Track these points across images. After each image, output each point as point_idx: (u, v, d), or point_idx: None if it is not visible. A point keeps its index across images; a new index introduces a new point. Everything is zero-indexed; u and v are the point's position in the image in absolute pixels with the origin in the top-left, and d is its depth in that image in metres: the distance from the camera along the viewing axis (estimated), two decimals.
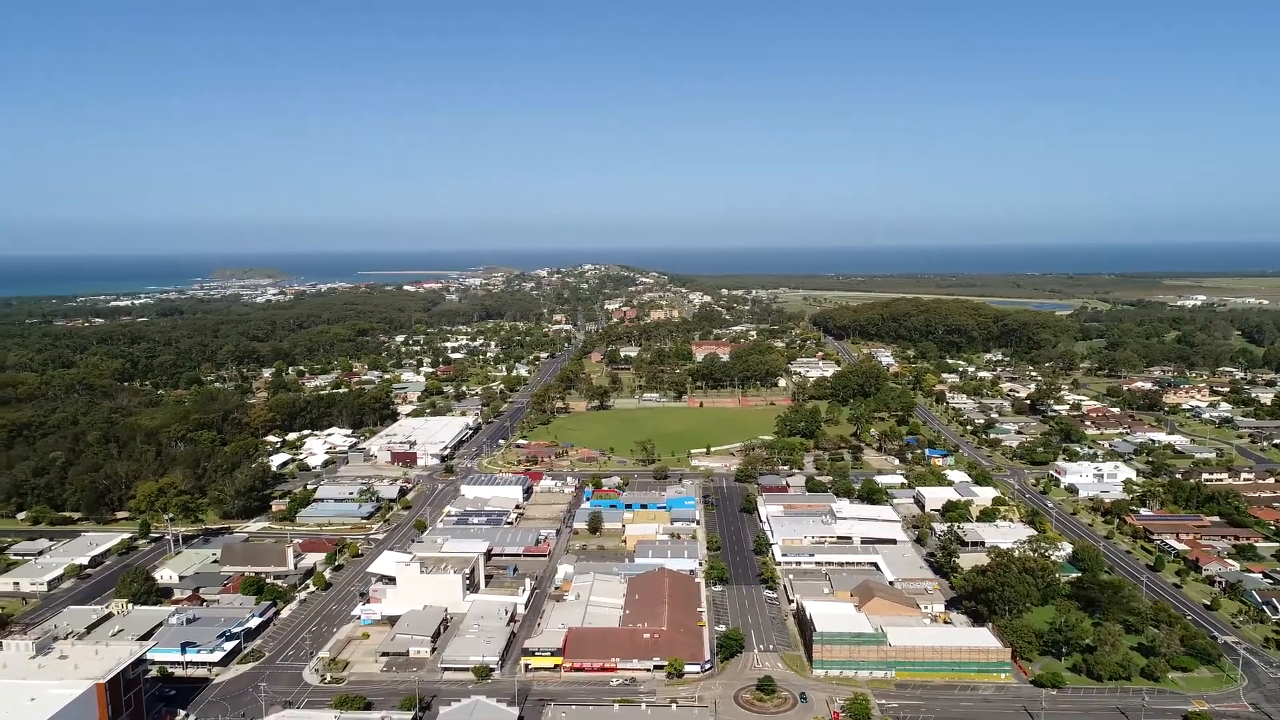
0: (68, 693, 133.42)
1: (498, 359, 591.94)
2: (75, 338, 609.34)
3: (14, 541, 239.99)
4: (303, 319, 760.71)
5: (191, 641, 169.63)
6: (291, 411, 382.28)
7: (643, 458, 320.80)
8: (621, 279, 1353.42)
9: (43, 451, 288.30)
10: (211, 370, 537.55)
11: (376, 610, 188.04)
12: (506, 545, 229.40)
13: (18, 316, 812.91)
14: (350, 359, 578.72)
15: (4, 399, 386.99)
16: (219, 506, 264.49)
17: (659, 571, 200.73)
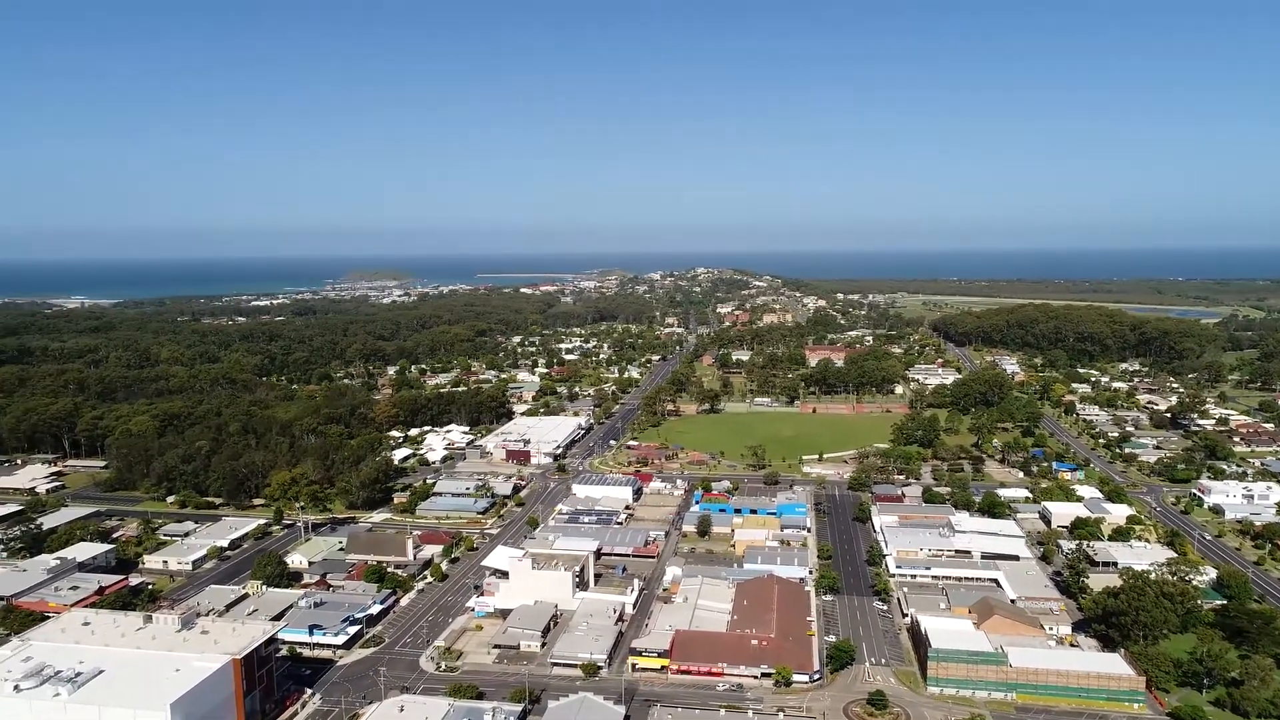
0: (208, 665, 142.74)
1: (610, 361, 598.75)
2: (220, 335, 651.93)
3: (164, 523, 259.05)
4: (425, 319, 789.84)
5: (318, 624, 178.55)
6: (413, 408, 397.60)
7: (753, 463, 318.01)
8: (734, 282, 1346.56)
9: (190, 440, 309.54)
10: (341, 367, 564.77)
11: (490, 603, 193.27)
12: (616, 545, 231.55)
13: (171, 315, 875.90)
14: (469, 358, 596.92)
15: (158, 391, 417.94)
16: (345, 497, 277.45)
17: (768, 578, 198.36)
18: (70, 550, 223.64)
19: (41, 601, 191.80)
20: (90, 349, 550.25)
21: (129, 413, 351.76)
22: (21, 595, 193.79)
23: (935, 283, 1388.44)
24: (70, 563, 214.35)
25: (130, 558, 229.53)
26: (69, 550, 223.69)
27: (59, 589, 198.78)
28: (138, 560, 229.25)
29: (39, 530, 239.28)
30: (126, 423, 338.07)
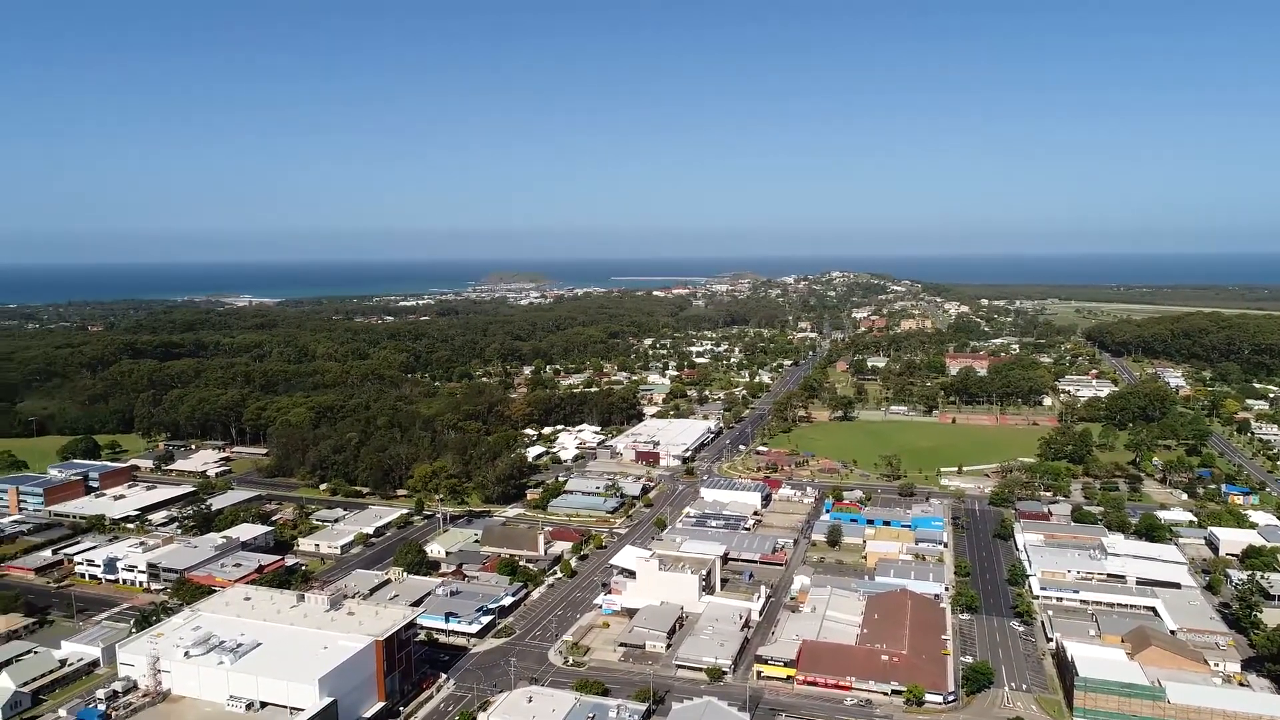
0: (353, 645, 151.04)
1: (741, 364, 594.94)
2: (370, 333, 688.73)
3: (317, 509, 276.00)
4: (560, 321, 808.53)
5: (454, 612, 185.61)
6: (547, 407, 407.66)
7: (887, 473, 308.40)
8: (870, 287, 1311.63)
9: (341, 432, 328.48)
10: (480, 366, 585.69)
11: (617, 601, 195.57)
12: (743, 551, 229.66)
13: (327, 314, 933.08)
14: (601, 360, 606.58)
15: (314, 385, 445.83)
16: (481, 491, 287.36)
17: (901, 592, 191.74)
18: (235, 530, 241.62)
19: (209, 576, 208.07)
20: (256, 344, 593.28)
21: (288, 405, 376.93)
22: (193, 569, 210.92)
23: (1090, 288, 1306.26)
24: (234, 542, 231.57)
25: (286, 540, 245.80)
26: (234, 530, 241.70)
27: (224, 565, 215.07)
28: (293, 542, 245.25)
29: (209, 510, 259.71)
30: (286, 414, 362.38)
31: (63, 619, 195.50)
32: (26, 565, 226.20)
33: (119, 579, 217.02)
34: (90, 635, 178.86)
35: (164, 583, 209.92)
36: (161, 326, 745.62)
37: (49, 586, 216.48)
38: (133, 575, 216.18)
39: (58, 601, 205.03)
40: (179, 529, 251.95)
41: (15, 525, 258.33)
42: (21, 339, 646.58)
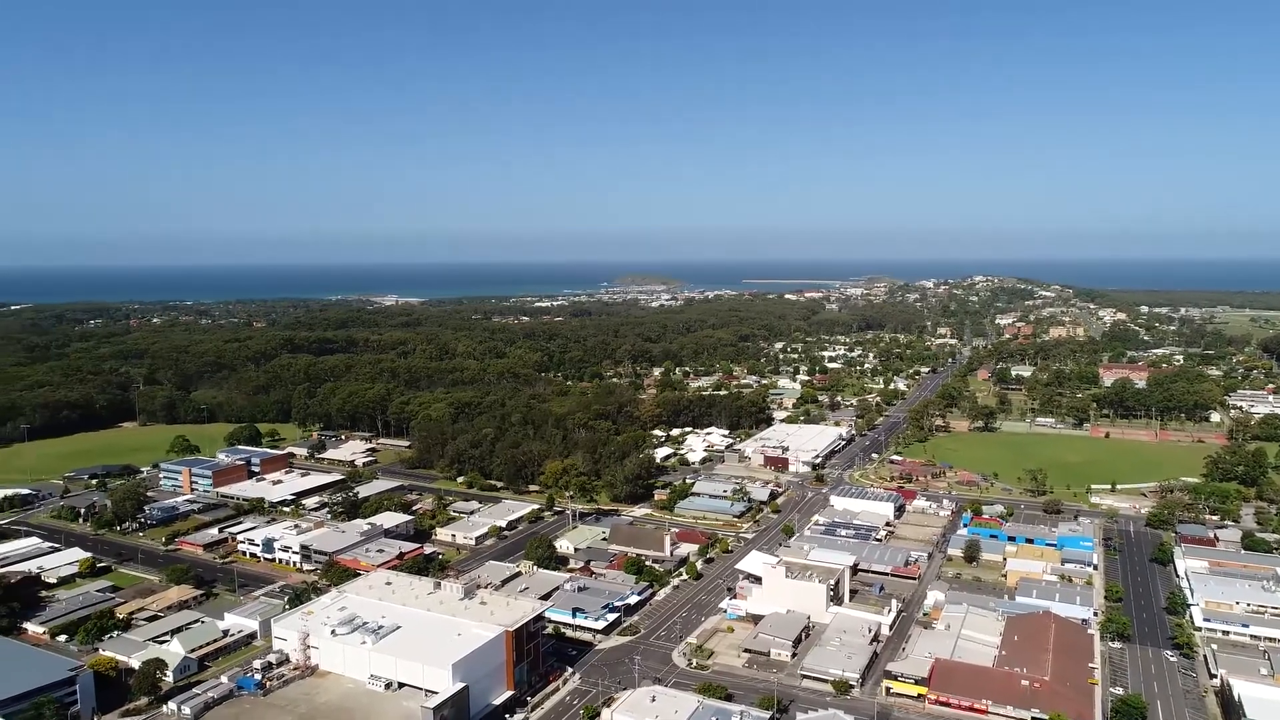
0: (485, 633, 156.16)
1: (875, 371, 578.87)
2: (507, 333, 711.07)
3: (454, 500, 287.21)
4: (690, 323, 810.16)
5: (581, 608, 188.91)
6: (676, 409, 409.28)
7: (1031, 488, 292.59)
8: (1016, 292, 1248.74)
9: (478, 427, 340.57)
10: (611, 366, 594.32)
11: (742, 607, 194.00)
12: (873, 562, 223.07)
13: (467, 313, 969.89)
14: (731, 363, 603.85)
15: (453, 381, 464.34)
16: (610, 490, 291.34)
17: (1044, 614, 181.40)
18: (379, 518, 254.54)
19: (355, 560, 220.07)
20: (401, 342, 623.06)
21: (429, 400, 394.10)
22: (340, 553, 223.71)
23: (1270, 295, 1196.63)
24: (378, 529, 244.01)
25: (425, 529, 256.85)
26: (378, 518, 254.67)
27: (369, 550, 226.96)
28: (431, 532, 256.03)
29: (355, 498, 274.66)
30: (427, 409, 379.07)
31: (226, 592, 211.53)
32: (196, 541, 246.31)
33: (275, 558, 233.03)
34: (249, 609, 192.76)
35: (314, 564, 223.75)
36: (317, 324, 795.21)
37: (215, 562, 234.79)
38: (287, 555, 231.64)
39: (222, 576, 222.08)
40: (329, 514, 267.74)
41: (188, 504, 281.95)
42: (197, 333, 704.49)
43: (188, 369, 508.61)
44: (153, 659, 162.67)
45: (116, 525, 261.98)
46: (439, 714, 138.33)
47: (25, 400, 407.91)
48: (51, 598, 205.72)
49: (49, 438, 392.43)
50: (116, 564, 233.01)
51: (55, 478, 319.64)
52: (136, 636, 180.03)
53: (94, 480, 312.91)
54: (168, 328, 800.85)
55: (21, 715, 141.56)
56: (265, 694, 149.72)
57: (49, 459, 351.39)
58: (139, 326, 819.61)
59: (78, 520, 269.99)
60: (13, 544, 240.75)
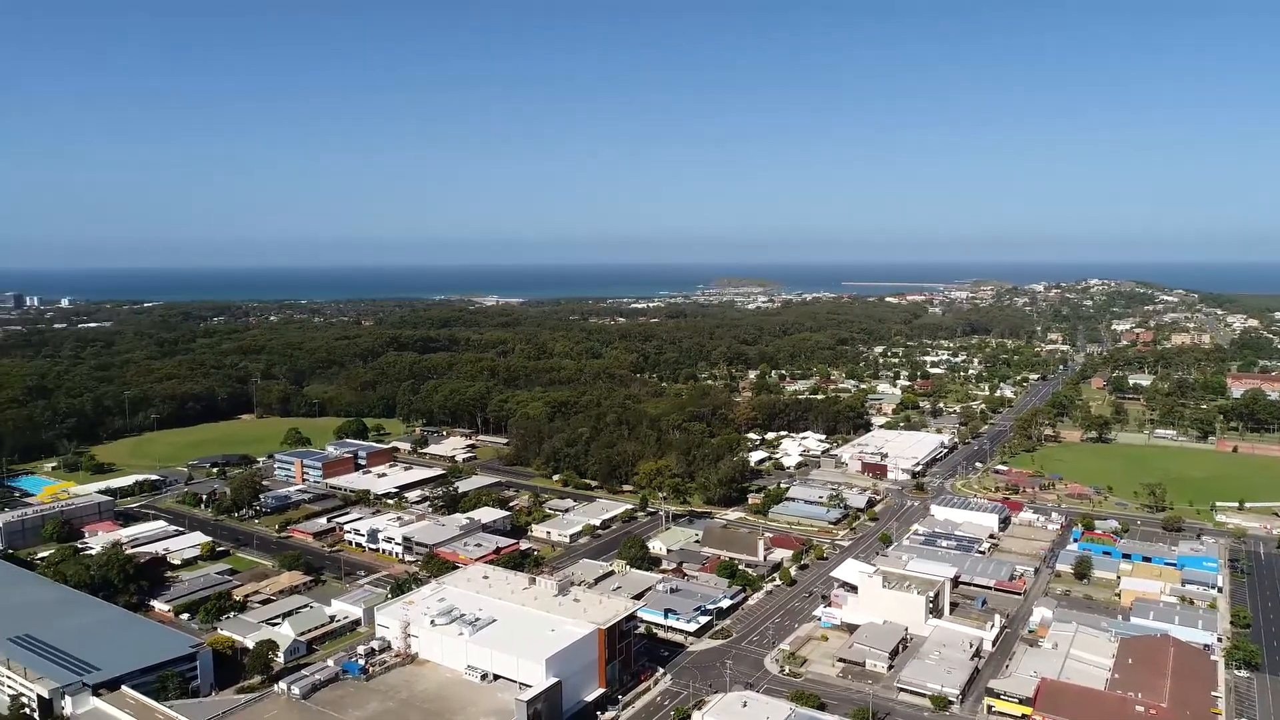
0: (578, 630, 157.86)
1: (980, 377, 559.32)
2: (603, 334, 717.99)
3: (549, 498, 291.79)
4: (787, 326, 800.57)
5: (673, 609, 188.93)
6: (771, 412, 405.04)
7: (1149, 503, 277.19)
8: (1135, 296, 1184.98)
9: (574, 427, 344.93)
10: (706, 368, 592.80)
11: (836, 615, 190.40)
12: (975, 575, 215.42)
13: (564, 314, 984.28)
14: (829, 366, 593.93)
15: (550, 380, 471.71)
16: (703, 492, 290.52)
17: (1163, 638, 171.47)
18: (477, 512, 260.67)
19: (454, 553, 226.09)
20: (501, 341, 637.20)
21: (527, 399, 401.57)
22: (440, 545, 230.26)
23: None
24: (476, 523, 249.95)
25: (522, 525, 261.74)
26: (476, 512, 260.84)
27: (467, 544, 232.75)
28: (527, 528, 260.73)
29: (455, 493, 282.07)
30: (525, 407, 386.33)
31: (333, 579, 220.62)
32: (307, 530, 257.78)
33: (379, 548, 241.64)
34: (354, 597, 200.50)
35: (416, 555, 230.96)
36: (421, 322, 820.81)
37: (324, 550, 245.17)
38: (390, 546, 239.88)
39: (330, 564, 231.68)
40: (430, 508, 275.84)
41: (299, 494, 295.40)
42: (310, 331, 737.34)
43: (301, 365, 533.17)
44: (265, 640, 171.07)
45: (234, 512, 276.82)
46: (532, 707, 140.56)
47: (155, 392, 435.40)
48: (176, 578, 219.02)
49: (176, 427, 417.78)
50: (234, 548, 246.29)
51: (180, 465, 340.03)
52: (251, 618, 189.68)
53: (215, 469, 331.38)
54: (283, 325, 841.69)
55: (148, 686, 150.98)
56: (368, 679, 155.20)
57: (175, 447, 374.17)
58: (257, 324, 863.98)
59: (200, 506, 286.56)
60: (143, 526, 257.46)
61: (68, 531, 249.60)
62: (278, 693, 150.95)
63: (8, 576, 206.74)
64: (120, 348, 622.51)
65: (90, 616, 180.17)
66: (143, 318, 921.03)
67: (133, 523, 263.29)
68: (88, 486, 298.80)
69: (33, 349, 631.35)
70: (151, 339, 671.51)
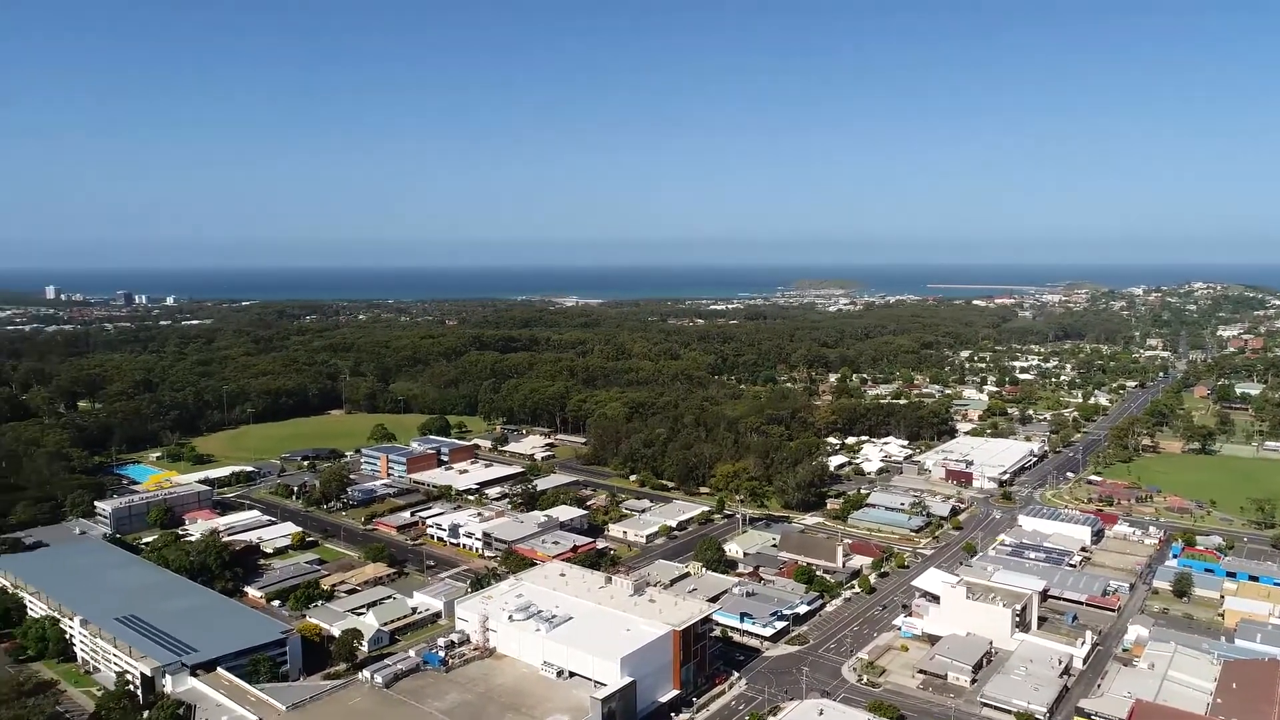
0: (653, 631, 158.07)
1: (1073, 383, 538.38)
2: (682, 335, 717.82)
3: (626, 498, 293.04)
4: (869, 329, 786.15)
5: (749, 613, 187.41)
6: (852, 416, 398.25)
7: (1257, 519, 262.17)
8: (1243, 300, 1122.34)
9: (652, 427, 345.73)
10: (785, 371, 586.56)
11: (917, 625, 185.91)
12: (1065, 589, 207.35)
13: (643, 315, 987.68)
14: (912, 371, 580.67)
15: (629, 381, 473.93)
16: (781, 496, 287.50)
17: (1271, 662, 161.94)
18: (554, 511, 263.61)
19: (532, 550, 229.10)
20: (580, 341, 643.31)
21: (605, 399, 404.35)
22: (518, 542, 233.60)
23: None
24: (554, 521, 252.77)
25: (598, 524, 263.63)
26: (554, 510, 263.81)
27: (545, 542, 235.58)
28: (604, 527, 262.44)
29: (534, 490, 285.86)
30: (603, 407, 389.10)
31: (415, 572, 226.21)
32: (391, 523, 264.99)
33: (460, 543, 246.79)
34: (435, 590, 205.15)
35: (495, 551, 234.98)
36: (503, 322, 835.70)
37: (406, 543, 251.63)
38: (470, 541, 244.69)
39: (412, 557, 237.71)
40: (509, 504, 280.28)
41: (385, 488, 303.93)
42: (396, 330, 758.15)
43: (387, 363, 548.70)
44: (351, 629, 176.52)
45: (323, 504, 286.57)
46: (607, 706, 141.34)
47: (251, 387, 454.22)
48: (268, 566, 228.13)
49: (269, 421, 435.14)
50: (322, 539, 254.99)
51: (274, 458, 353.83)
52: (337, 607, 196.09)
53: (305, 462, 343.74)
54: (372, 324, 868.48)
55: (241, 669, 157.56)
56: (448, 670, 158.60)
57: (269, 440, 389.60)
58: (347, 323, 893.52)
59: (291, 497, 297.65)
60: (238, 515, 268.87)
61: (170, 518, 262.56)
62: (362, 680, 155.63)
63: (116, 559, 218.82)
64: (220, 344, 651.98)
65: (189, 600, 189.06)
66: (241, 316, 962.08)
67: (229, 512, 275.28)
68: (188, 476, 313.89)
69: (140, 345, 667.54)
70: (249, 336, 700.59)
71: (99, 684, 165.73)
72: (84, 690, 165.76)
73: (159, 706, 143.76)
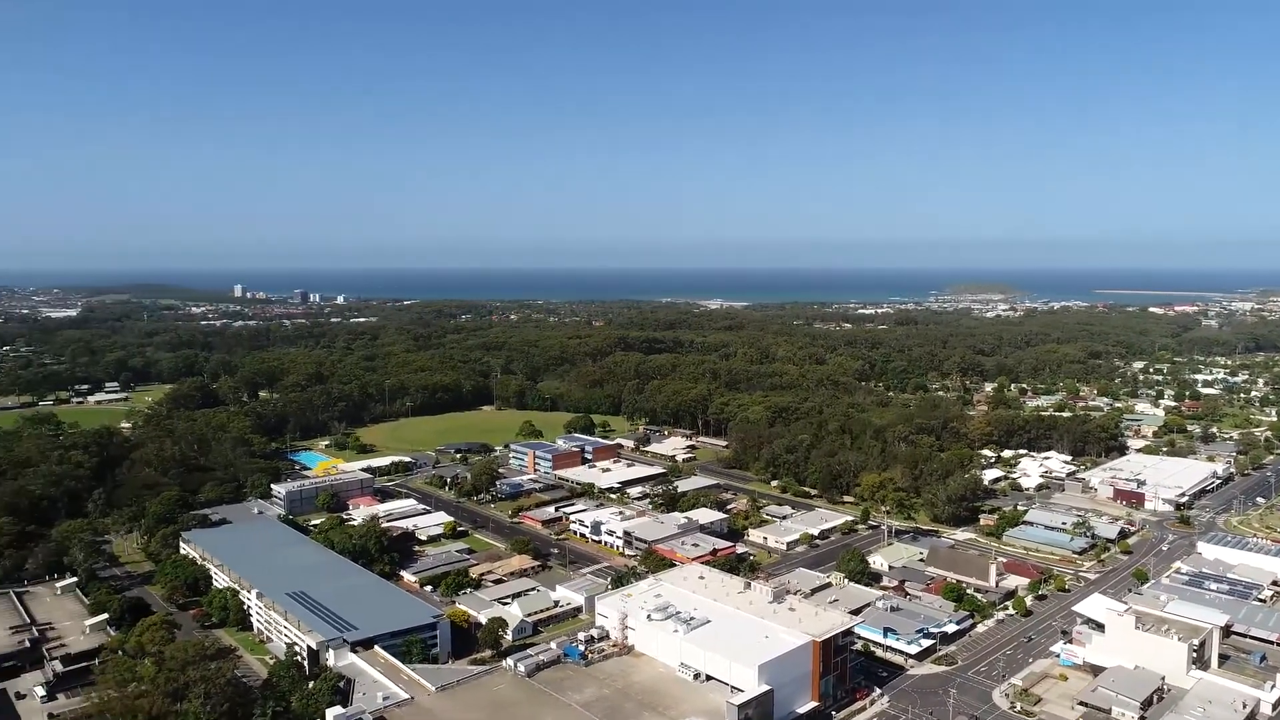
0: (792, 640, 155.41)
1: (1266, 400, 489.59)
2: (828, 339, 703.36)
3: (767, 504, 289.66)
4: (1030, 336, 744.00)
5: (893, 628, 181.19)
6: (1009, 429, 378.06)
7: None
8: None
9: (794, 433, 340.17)
10: (937, 379, 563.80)
11: (1078, 654, 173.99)
12: (1252, 625, 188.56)
13: (789, 318, 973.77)
14: (1078, 382, 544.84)
15: (772, 385, 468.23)
16: (930, 509, 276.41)
17: None
18: (694, 513, 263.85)
19: (671, 551, 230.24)
20: (723, 344, 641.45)
21: (748, 402, 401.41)
22: (658, 542, 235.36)
23: None
24: (694, 523, 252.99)
25: (738, 529, 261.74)
26: (694, 512, 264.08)
27: (684, 543, 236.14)
28: (743, 532, 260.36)
29: (674, 492, 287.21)
30: (745, 411, 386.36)
31: (558, 566, 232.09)
32: (536, 517, 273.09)
33: (601, 540, 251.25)
34: (577, 585, 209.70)
35: (635, 550, 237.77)
36: (648, 324, 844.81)
37: (550, 537, 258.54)
38: (611, 539, 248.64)
39: (555, 551, 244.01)
40: (650, 504, 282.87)
41: (531, 483, 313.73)
42: (545, 330, 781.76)
43: (536, 361, 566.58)
44: (497, 618, 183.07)
45: (474, 495, 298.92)
46: (744, 712, 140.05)
47: (411, 382, 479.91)
48: (422, 553, 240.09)
49: (426, 415, 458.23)
50: (472, 529, 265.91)
51: (429, 450, 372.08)
52: (484, 595, 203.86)
53: (458, 455, 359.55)
54: (522, 324, 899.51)
55: (395, 649, 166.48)
56: (587, 664, 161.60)
57: (425, 433, 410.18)
58: (499, 322, 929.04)
59: (444, 488, 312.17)
60: (396, 503, 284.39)
61: (336, 503, 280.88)
62: (505, 668, 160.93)
63: (287, 539, 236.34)
64: (383, 341, 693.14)
65: (351, 580, 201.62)
66: (403, 315, 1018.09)
67: (388, 499, 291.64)
68: (353, 464, 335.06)
69: (313, 340, 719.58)
70: (409, 334, 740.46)
71: (271, 653, 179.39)
72: (258, 657, 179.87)
73: (322, 678, 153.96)
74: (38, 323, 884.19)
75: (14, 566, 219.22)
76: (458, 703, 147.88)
